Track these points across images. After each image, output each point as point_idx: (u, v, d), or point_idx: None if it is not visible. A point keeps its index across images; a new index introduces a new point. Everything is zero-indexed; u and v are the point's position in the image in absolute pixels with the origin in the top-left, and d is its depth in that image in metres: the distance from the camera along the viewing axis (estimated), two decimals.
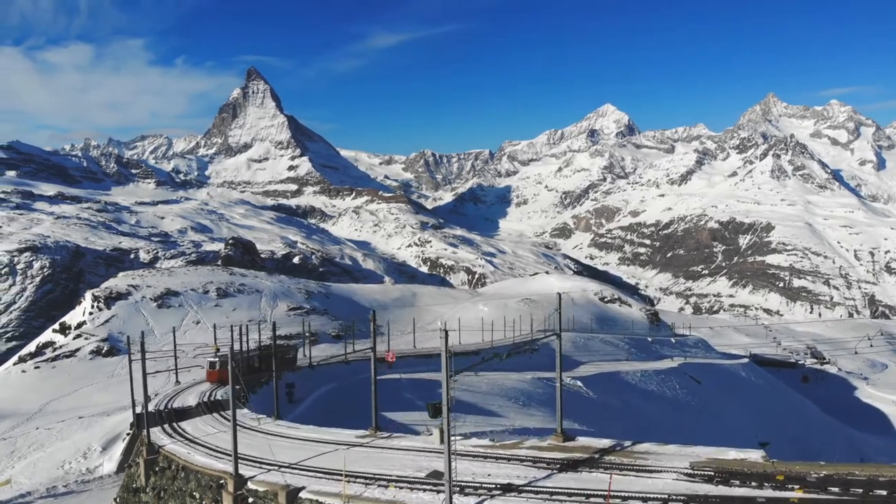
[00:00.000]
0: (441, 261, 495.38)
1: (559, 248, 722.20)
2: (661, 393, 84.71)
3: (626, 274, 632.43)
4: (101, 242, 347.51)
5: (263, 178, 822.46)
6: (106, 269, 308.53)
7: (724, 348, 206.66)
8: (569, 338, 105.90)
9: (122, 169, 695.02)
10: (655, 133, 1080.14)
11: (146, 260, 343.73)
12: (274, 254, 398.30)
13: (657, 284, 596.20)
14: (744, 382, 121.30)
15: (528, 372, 72.69)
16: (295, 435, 32.55)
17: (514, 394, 57.24)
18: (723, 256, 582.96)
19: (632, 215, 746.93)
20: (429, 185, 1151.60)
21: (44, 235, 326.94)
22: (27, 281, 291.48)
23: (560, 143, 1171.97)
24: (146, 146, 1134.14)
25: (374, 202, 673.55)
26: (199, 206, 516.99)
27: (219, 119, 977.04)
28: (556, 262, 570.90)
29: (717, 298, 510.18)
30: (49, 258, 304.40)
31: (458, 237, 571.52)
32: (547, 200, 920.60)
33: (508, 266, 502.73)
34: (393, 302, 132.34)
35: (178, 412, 42.44)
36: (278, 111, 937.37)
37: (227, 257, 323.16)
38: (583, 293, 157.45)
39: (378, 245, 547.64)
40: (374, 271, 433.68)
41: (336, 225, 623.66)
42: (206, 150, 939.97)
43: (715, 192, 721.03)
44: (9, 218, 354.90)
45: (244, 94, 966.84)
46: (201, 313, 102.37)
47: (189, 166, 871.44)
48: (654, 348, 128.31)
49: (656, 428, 65.01)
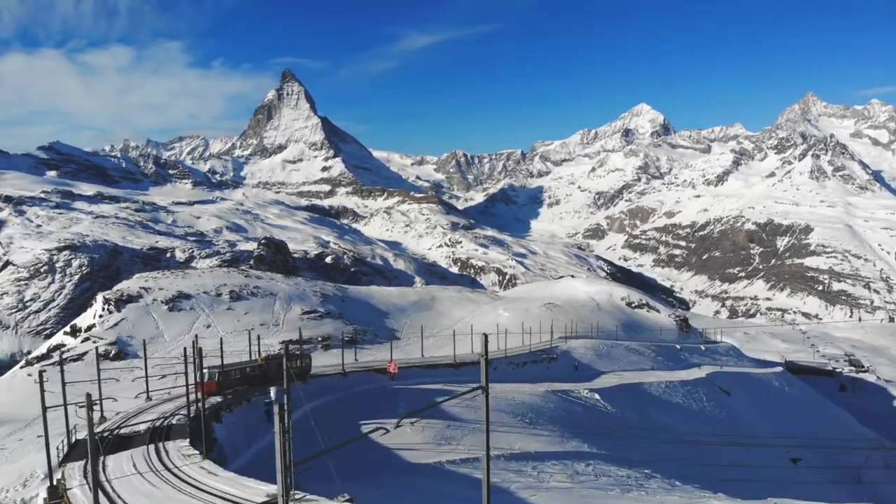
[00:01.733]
0: (471, 261, 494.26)
1: (592, 249, 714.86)
2: (686, 406, 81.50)
3: (661, 276, 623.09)
4: (138, 242, 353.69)
5: (297, 179, 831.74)
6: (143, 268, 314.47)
7: (758, 354, 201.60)
8: (590, 346, 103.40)
9: (160, 169, 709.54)
10: (691, 133, 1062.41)
11: (182, 259, 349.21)
12: (307, 253, 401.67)
13: (692, 287, 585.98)
14: (776, 393, 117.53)
15: (542, 383, 70.10)
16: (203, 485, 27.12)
17: (522, 409, 54.12)
18: (760, 259, 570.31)
19: (667, 216, 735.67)
20: (460, 185, 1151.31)
21: (82, 234, 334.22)
22: (66, 279, 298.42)
23: (593, 143, 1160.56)
24: (183, 147, 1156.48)
25: (405, 203, 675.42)
26: (235, 207, 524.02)
27: (254, 120, 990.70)
28: (589, 264, 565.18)
29: (754, 302, 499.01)
30: (87, 257, 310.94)
31: (488, 238, 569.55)
32: (580, 201, 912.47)
33: (540, 267, 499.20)
34: (411, 306, 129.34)
35: (121, 439, 36.99)
36: (312, 112, 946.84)
37: (259, 257, 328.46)
38: (609, 298, 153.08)
39: (409, 245, 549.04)
40: (404, 271, 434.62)
41: (368, 225, 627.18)
42: (242, 151, 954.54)
43: (752, 193, 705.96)
44: (49, 217, 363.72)
45: (279, 95, 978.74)
46: (213, 317, 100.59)
47: (225, 167, 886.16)
48: (683, 356, 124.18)
49: (678, 445, 61.77)
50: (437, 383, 61.30)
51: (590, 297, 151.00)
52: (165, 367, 71.70)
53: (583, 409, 60.60)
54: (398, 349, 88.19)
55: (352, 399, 51.73)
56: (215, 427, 39.31)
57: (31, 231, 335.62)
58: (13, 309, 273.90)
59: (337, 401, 51.19)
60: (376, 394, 52.98)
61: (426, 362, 72.14)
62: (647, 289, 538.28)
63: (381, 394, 53.07)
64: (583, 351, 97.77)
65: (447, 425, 42.96)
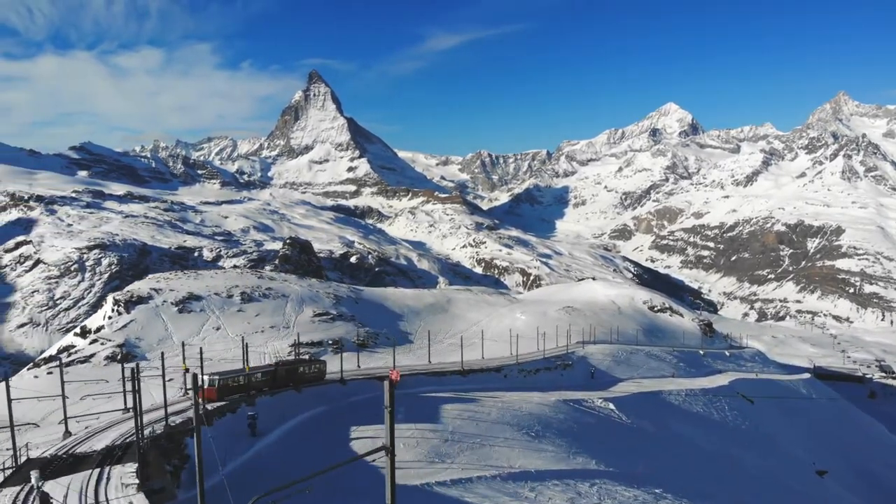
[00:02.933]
0: (495, 262, 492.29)
1: (618, 249, 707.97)
2: (707, 415, 78.49)
3: (689, 277, 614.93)
4: (166, 241, 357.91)
5: (323, 179, 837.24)
6: (171, 267, 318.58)
7: (787, 358, 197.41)
8: (609, 351, 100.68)
9: (189, 170, 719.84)
10: (720, 132, 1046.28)
11: (209, 259, 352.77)
12: (332, 253, 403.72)
13: (720, 289, 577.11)
14: (803, 401, 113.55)
15: (554, 392, 67.29)
16: None
17: (529, 421, 50.75)
18: (790, 260, 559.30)
19: (695, 217, 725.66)
20: (485, 185, 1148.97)
21: (112, 233, 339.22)
22: (95, 277, 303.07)
23: (620, 143, 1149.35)
24: (212, 147, 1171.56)
25: (429, 203, 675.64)
26: (262, 207, 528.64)
27: (281, 121, 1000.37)
28: (615, 265, 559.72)
29: (784, 304, 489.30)
30: (117, 255, 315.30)
31: (513, 238, 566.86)
32: (606, 201, 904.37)
33: (564, 268, 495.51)
34: (426, 308, 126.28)
35: (74, 461, 32.51)
36: (338, 113, 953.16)
37: (284, 256, 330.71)
38: (630, 301, 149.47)
39: (433, 245, 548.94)
40: (428, 271, 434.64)
41: (392, 225, 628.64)
42: (269, 152, 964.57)
43: (782, 193, 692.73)
44: (79, 216, 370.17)
45: (306, 96, 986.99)
46: (223, 319, 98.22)
47: (252, 167, 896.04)
48: (706, 362, 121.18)
49: (696, 459, 59.51)
50: (444, 391, 59.10)
51: (610, 301, 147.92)
52: (173, 370, 70.26)
53: (595, 420, 58.41)
54: (410, 353, 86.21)
55: (347, 410, 49.31)
56: (189, 442, 36.07)
57: (61, 230, 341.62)
58: (44, 307, 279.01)
59: (329, 412, 48.82)
60: (375, 404, 48.21)
61: (432, 369, 69.68)
62: (675, 290, 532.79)
63: (379, 404, 49.48)
64: (600, 357, 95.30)
65: (444, 439, 40.97)
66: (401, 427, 41.99)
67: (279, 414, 45.29)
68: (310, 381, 56.27)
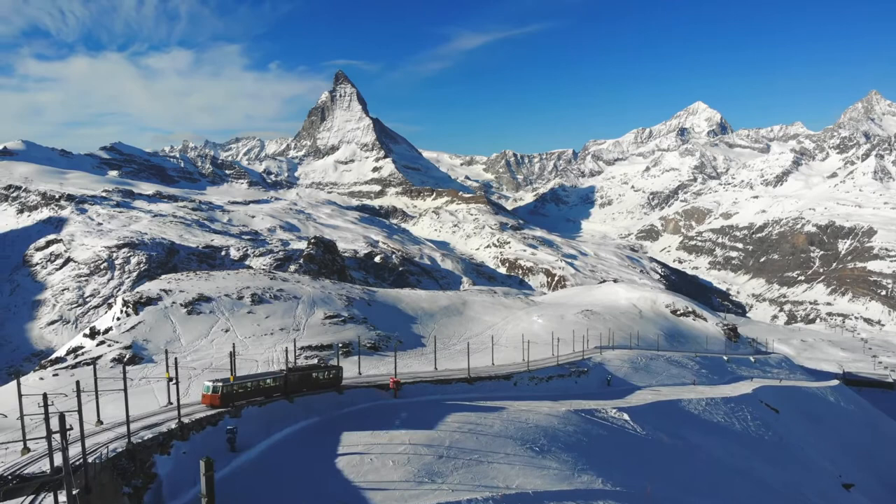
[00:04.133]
0: (520, 262, 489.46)
1: (645, 250, 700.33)
2: (728, 425, 75.89)
3: (717, 279, 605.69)
4: (194, 240, 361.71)
5: (349, 180, 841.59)
6: (198, 265, 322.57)
7: (815, 363, 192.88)
8: (627, 357, 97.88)
9: (217, 170, 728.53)
10: (749, 132, 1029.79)
11: (236, 257, 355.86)
12: (357, 253, 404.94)
13: (749, 290, 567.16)
14: (831, 409, 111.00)
15: (567, 400, 64.92)
16: None
17: (534, 434, 47.70)
18: (820, 262, 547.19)
19: (723, 217, 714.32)
20: (510, 185, 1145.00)
21: (141, 232, 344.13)
22: (124, 276, 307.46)
23: (648, 142, 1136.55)
24: (240, 148, 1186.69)
25: (453, 203, 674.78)
26: (288, 206, 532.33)
27: (308, 122, 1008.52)
28: (642, 266, 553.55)
29: (814, 306, 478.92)
30: (145, 254, 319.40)
31: (537, 238, 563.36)
32: (633, 201, 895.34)
33: (590, 269, 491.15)
34: (440, 311, 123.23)
35: (20, 482, 29.54)
36: (364, 114, 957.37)
37: (309, 256, 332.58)
38: (652, 305, 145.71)
39: (457, 245, 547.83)
40: (452, 271, 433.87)
41: (416, 225, 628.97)
42: (296, 153, 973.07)
43: (813, 194, 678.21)
44: (109, 215, 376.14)
45: (332, 97, 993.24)
46: (232, 321, 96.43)
47: (279, 167, 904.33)
48: (730, 368, 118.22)
49: (714, 473, 57.20)
50: (448, 401, 56.51)
51: (632, 304, 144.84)
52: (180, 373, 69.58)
53: (607, 432, 55.81)
54: (422, 357, 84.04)
55: (339, 422, 46.42)
56: (158, 460, 34.06)
57: (91, 229, 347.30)
58: (73, 304, 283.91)
59: (320, 424, 46.05)
60: (371, 415, 48.34)
61: (438, 376, 66.56)
62: (703, 292, 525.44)
63: (377, 414, 48.65)
64: (618, 363, 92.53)
65: (438, 455, 38.32)
66: (394, 441, 40.92)
67: (265, 426, 42.86)
68: (324, 388, 54.44)
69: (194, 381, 64.52)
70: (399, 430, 43.18)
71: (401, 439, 41.00)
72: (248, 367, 72.34)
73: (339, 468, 35.65)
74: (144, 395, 53.76)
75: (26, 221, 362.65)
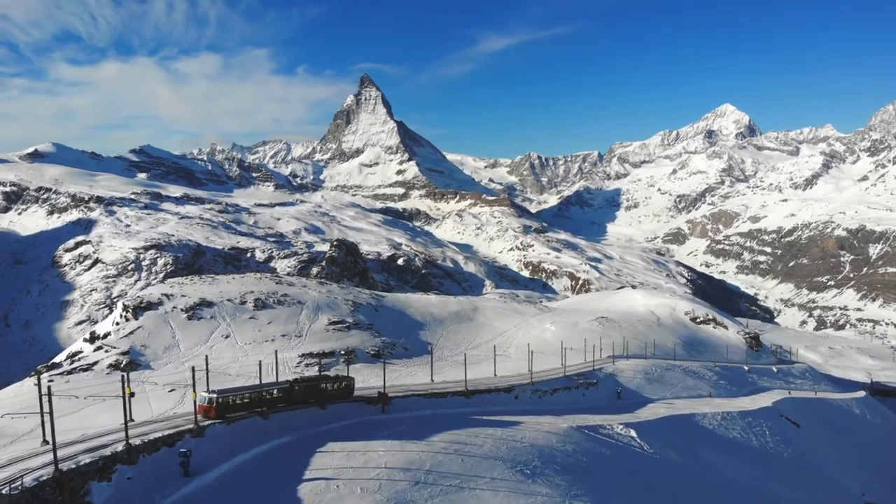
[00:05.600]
0: (543, 265, 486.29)
1: (672, 254, 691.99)
2: (744, 441, 72.35)
3: (745, 283, 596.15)
4: (220, 241, 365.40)
5: (373, 182, 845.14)
6: (223, 267, 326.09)
7: (843, 371, 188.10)
8: (641, 368, 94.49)
9: (244, 172, 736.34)
10: (778, 134, 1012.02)
11: (261, 259, 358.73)
12: (380, 255, 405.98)
13: (777, 295, 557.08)
14: (856, 422, 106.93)
15: (572, 415, 61.60)
16: None
17: (527, 455, 43.88)
18: (851, 267, 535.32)
19: (752, 221, 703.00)
20: (534, 188, 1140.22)
21: (168, 234, 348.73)
22: (151, 277, 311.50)
23: (675, 145, 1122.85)
24: (267, 151, 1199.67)
25: (476, 205, 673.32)
26: (313, 209, 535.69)
27: (333, 125, 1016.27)
28: (668, 270, 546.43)
29: (844, 312, 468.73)
30: (172, 255, 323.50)
31: (561, 241, 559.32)
32: (659, 204, 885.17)
33: (615, 272, 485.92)
34: (450, 316, 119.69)
35: None
36: (388, 117, 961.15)
37: (331, 258, 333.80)
38: (671, 312, 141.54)
39: (480, 248, 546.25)
40: (475, 274, 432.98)
41: (439, 228, 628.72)
42: (322, 156, 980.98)
43: (843, 197, 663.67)
44: (137, 217, 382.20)
45: (357, 101, 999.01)
46: (233, 326, 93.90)
47: (305, 170, 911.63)
48: (751, 379, 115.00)
49: (725, 495, 54.58)
50: (441, 416, 53.30)
51: (649, 311, 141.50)
52: (174, 380, 66.50)
53: (610, 451, 51.97)
54: (426, 365, 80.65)
55: (316, 441, 42.42)
56: (95, 488, 30.52)
57: (120, 230, 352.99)
58: (101, 305, 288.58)
59: (294, 444, 42.22)
60: (353, 433, 45.33)
61: (433, 389, 62.69)
62: (730, 297, 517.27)
63: (358, 433, 45.57)
64: (631, 374, 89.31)
65: (414, 482, 35.19)
66: (368, 464, 38.14)
67: (230, 447, 39.39)
68: (334, 399, 52.00)
69: (190, 390, 62.92)
70: (377, 451, 40.22)
71: (377, 462, 38.35)
72: (246, 375, 69.63)
73: (300, 496, 33.06)
74: (137, 403, 51.02)
75: (56, 223, 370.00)
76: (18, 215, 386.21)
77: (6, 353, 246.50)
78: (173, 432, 38.46)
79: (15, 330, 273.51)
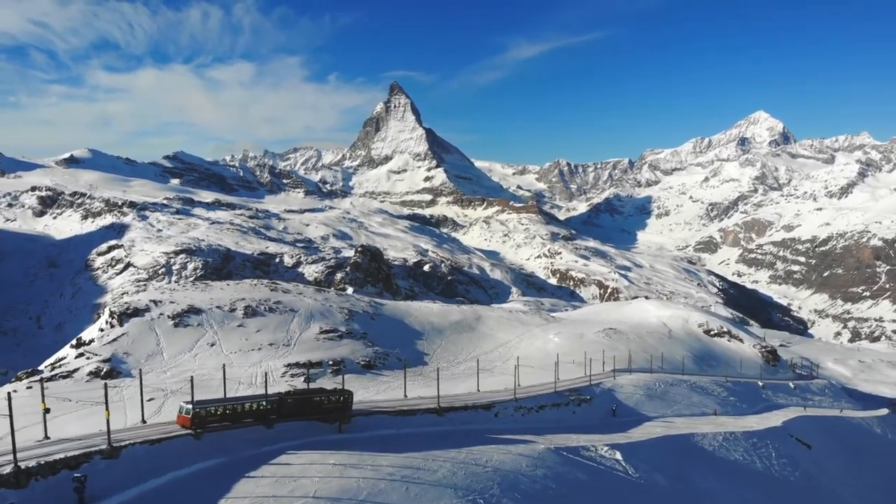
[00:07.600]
0: (571, 273, 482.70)
1: (703, 263, 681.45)
2: (747, 464, 67.31)
3: (778, 293, 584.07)
4: (249, 247, 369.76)
5: (401, 189, 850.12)
6: (252, 272, 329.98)
7: (872, 386, 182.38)
8: (643, 382, 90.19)
9: (275, 179, 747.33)
10: (813, 142, 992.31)
11: (289, 265, 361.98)
12: (406, 261, 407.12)
13: (811, 306, 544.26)
14: (875, 442, 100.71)
15: (550, 435, 56.78)
16: None
17: (486, 482, 39.38)
18: (887, 277, 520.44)
19: (785, 230, 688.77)
20: (562, 195, 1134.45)
21: (198, 239, 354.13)
22: (181, 281, 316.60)
23: (707, 152, 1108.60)
24: (298, 158, 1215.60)
25: (504, 212, 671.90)
26: (342, 215, 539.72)
27: (363, 132, 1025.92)
28: (699, 279, 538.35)
29: (879, 324, 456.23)
30: (202, 260, 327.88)
31: (590, 249, 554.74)
32: (691, 212, 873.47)
33: (645, 281, 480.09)
34: (451, 326, 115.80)
35: None
36: (417, 124, 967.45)
37: (355, 263, 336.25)
38: (684, 324, 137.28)
39: (507, 255, 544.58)
40: (501, 281, 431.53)
41: (466, 234, 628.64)
42: (351, 162, 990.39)
43: (879, 206, 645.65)
44: (169, 222, 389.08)
45: (386, 108, 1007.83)
46: (220, 334, 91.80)
47: (335, 177, 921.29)
48: (765, 395, 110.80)
49: None
50: (405, 436, 49.61)
51: (661, 323, 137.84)
52: (153, 388, 65.47)
53: (587, 476, 46.94)
54: (421, 377, 78.66)
55: (247, 465, 38.27)
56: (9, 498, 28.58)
57: (151, 235, 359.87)
58: None
59: (220, 468, 37.79)
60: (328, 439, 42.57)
61: (402, 405, 57.81)
62: (763, 307, 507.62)
63: None
64: (630, 390, 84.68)
65: None
66: (294, 493, 34.21)
67: (146, 470, 35.50)
68: (329, 414, 48.72)
69: (170, 399, 61.69)
70: (311, 478, 36.27)
71: (304, 490, 34.56)
72: (230, 385, 67.51)
73: None
74: (114, 411, 48.75)
75: (90, 227, 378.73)
76: (53, 219, 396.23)
77: (38, 355, 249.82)
78: (80, 453, 34.67)
79: (47, 332, 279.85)
